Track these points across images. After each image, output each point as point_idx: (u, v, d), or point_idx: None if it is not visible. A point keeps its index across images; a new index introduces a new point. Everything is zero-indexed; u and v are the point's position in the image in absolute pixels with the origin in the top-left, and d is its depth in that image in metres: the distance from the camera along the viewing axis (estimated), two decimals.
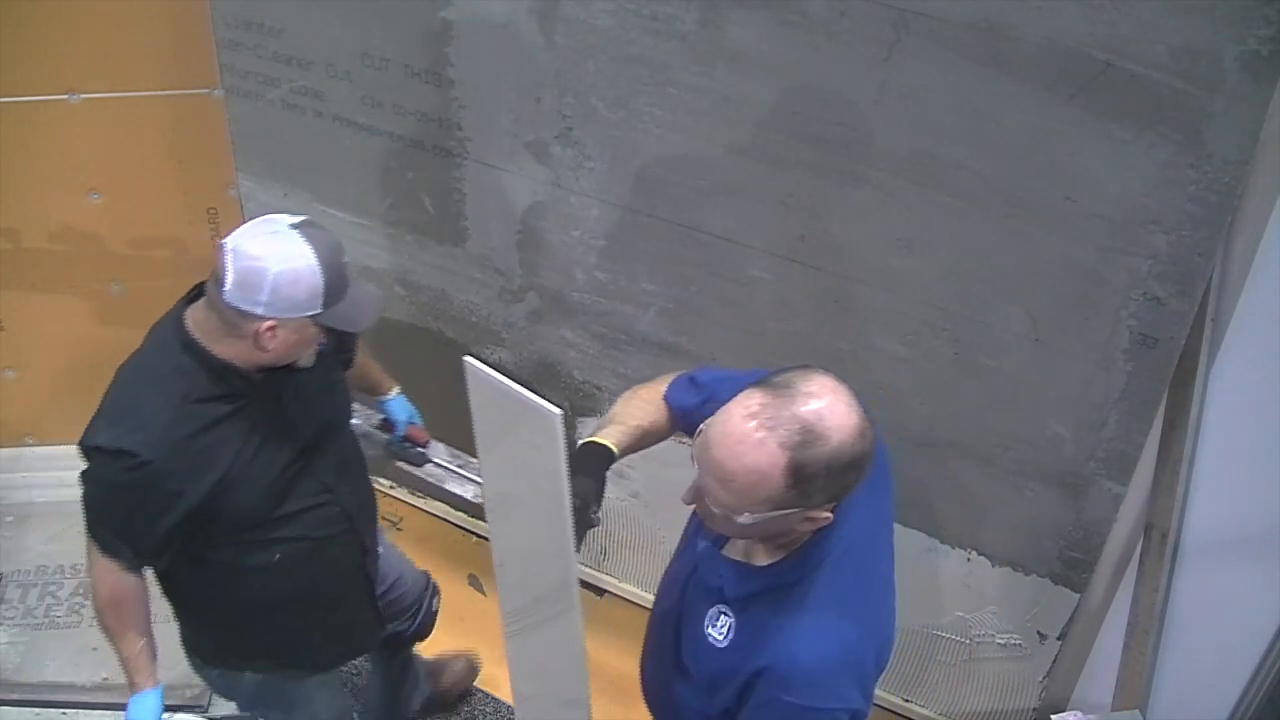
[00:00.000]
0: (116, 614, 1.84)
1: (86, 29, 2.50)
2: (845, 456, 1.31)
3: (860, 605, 1.49)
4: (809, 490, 1.32)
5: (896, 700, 2.69)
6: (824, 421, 1.30)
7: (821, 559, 1.44)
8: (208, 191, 2.74)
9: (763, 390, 1.33)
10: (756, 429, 1.30)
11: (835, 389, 1.34)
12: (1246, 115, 1.73)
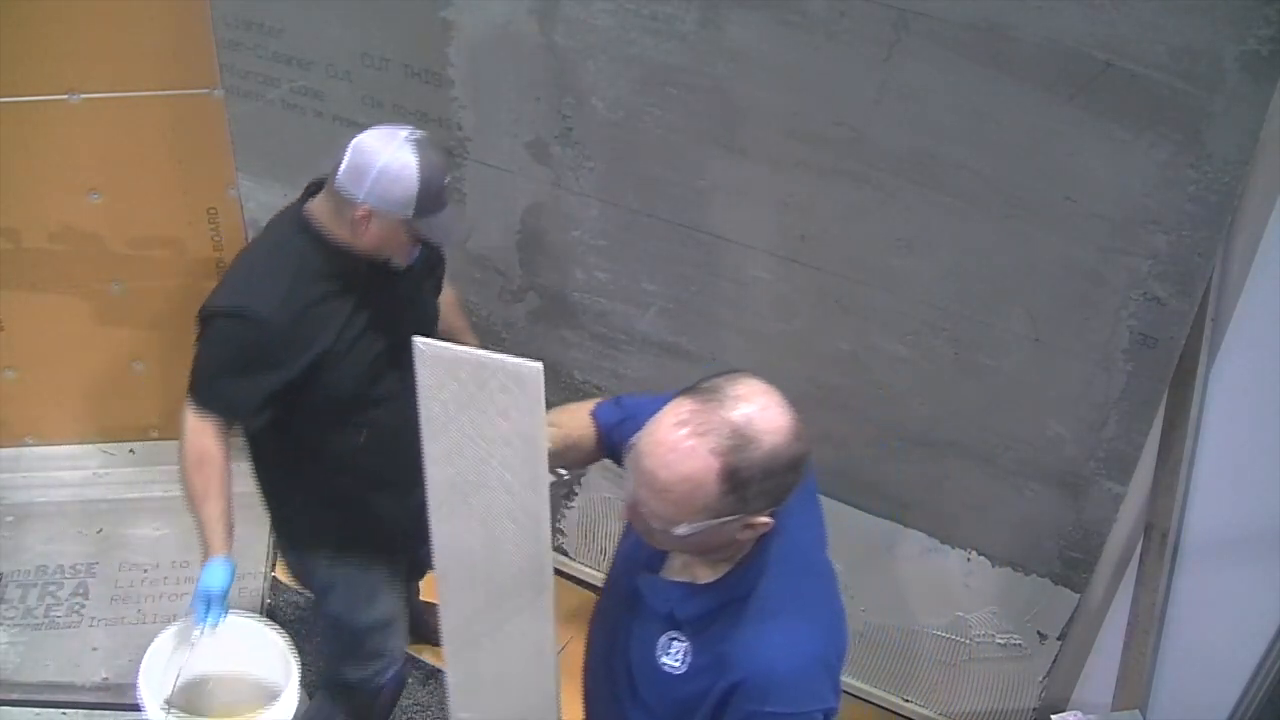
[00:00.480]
0: (201, 474, 1.94)
1: (86, 29, 2.50)
2: (781, 459, 1.29)
3: (817, 604, 1.47)
4: (746, 495, 1.29)
5: (896, 700, 2.69)
6: (755, 425, 1.28)
7: (766, 565, 1.41)
8: (208, 191, 2.73)
9: (692, 397, 1.30)
10: (687, 436, 1.27)
11: (765, 391, 1.31)
12: (1246, 115, 1.73)
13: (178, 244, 2.79)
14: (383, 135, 1.89)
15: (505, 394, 1.40)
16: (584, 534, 2.87)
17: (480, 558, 1.52)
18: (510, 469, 1.43)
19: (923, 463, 2.31)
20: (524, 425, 1.40)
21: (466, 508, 1.49)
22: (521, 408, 1.40)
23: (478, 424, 1.43)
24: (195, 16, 2.49)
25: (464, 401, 1.43)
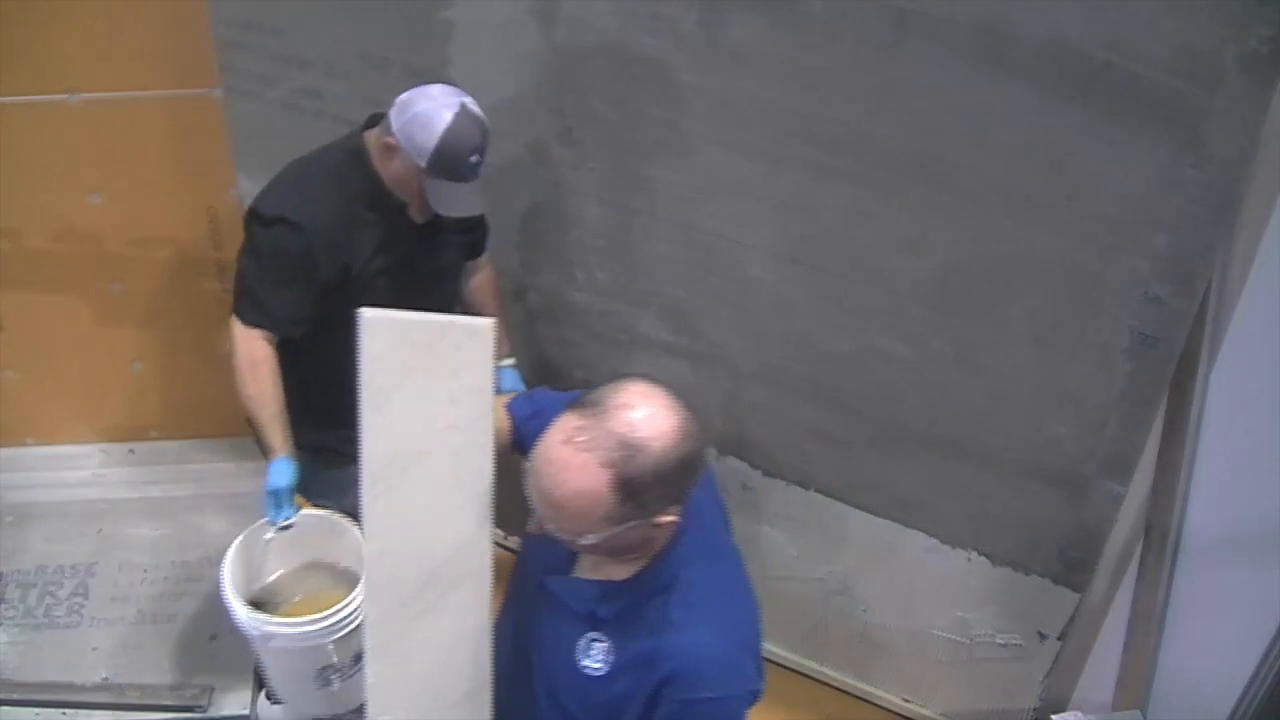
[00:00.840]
0: (255, 377, 2.06)
1: (86, 29, 2.50)
2: (671, 461, 1.30)
3: (732, 587, 1.50)
4: (644, 501, 1.30)
5: (896, 700, 2.70)
6: (640, 432, 1.29)
7: (683, 556, 1.43)
8: (208, 191, 2.73)
9: (576, 412, 1.32)
10: (575, 452, 1.29)
11: (649, 394, 1.32)
12: (1246, 115, 1.73)
13: (178, 244, 2.79)
14: (444, 90, 2.01)
15: (458, 351, 1.42)
16: None
17: (416, 534, 1.49)
18: (457, 429, 1.43)
19: (923, 463, 2.31)
20: (474, 379, 1.42)
21: (406, 481, 1.47)
22: (473, 363, 1.42)
23: (424, 389, 1.44)
24: (195, 16, 2.49)
25: (413, 366, 1.44)
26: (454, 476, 1.45)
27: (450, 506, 1.46)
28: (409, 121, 1.98)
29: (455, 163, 1.98)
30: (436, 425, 1.44)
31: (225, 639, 2.62)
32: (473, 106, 2.00)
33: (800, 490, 2.49)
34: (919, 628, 2.54)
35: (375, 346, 1.44)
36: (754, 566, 2.65)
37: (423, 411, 1.45)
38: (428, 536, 1.48)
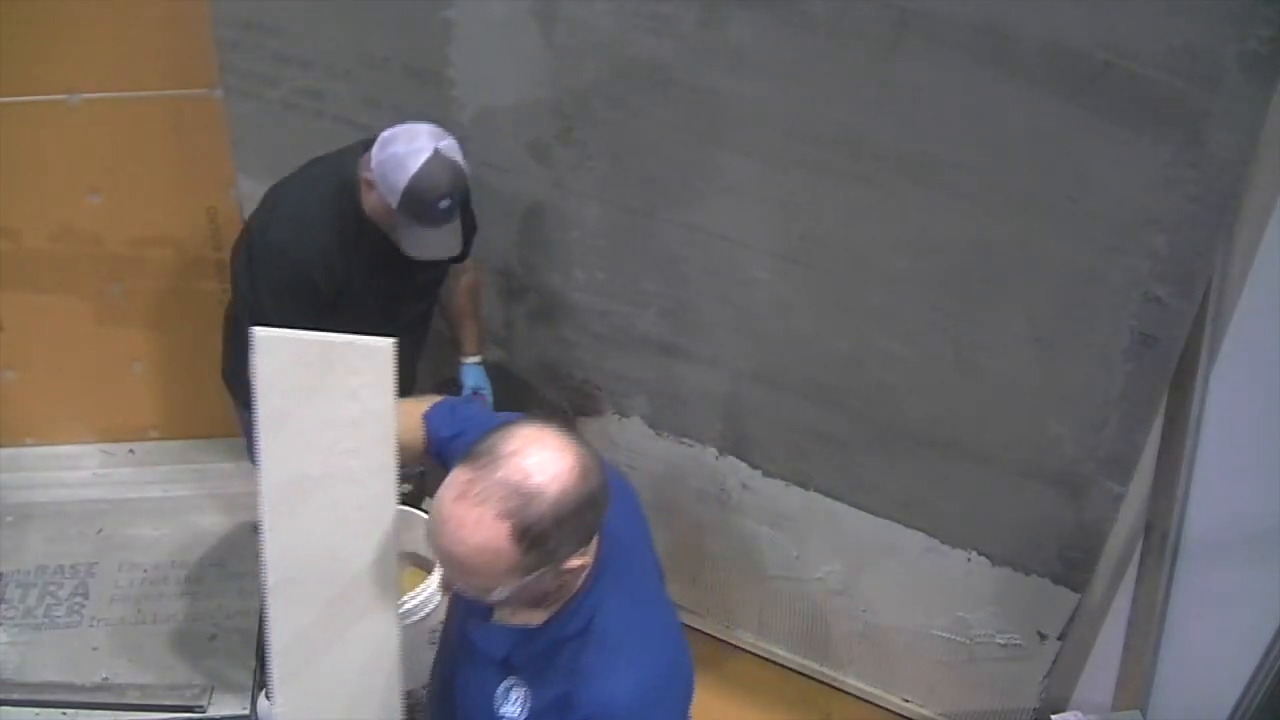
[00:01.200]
0: None
1: (86, 29, 2.50)
2: (570, 503, 1.26)
3: (654, 632, 1.44)
4: (548, 547, 1.26)
5: (896, 700, 2.70)
6: (533, 478, 1.25)
7: (600, 598, 1.38)
8: (208, 191, 2.73)
9: (466, 466, 1.27)
10: (470, 507, 1.24)
11: (539, 438, 1.28)
12: (1246, 115, 1.73)
13: (178, 244, 2.79)
14: (424, 130, 2.04)
15: (355, 375, 1.37)
16: None
17: (320, 562, 1.45)
18: (359, 454, 1.39)
19: (923, 463, 2.31)
20: (374, 404, 1.38)
21: (307, 508, 1.43)
22: (372, 387, 1.38)
23: (324, 412, 1.39)
24: (195, 16, 2.49)
25: (309, 389, 1.39)
26: (356, 503, 1.40)
27: (353, 534, 1.42)
28: (384, 161, 2.02)
29: (424, 206, 2.02)
30: (337, 449, 1.40)
31: (225, 639, 2.62)
32: (449, 151, 2.04)
33: (800, 490, 2.49)
34: (919, 628, 2.54)
35: (270, 367, 1.39)
36: (754, 566, 2.67)
37: (322, 435, 1.40)
38: (331, 565, 1.43)
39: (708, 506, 2.63)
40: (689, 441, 2.57)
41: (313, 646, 1.46)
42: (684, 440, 2.57)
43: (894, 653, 2.62)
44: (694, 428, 2.54)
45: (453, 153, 2.05)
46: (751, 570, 2.68)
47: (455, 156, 2.06)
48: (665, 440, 2.59)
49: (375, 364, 1.38)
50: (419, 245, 2.09)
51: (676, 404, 2.53)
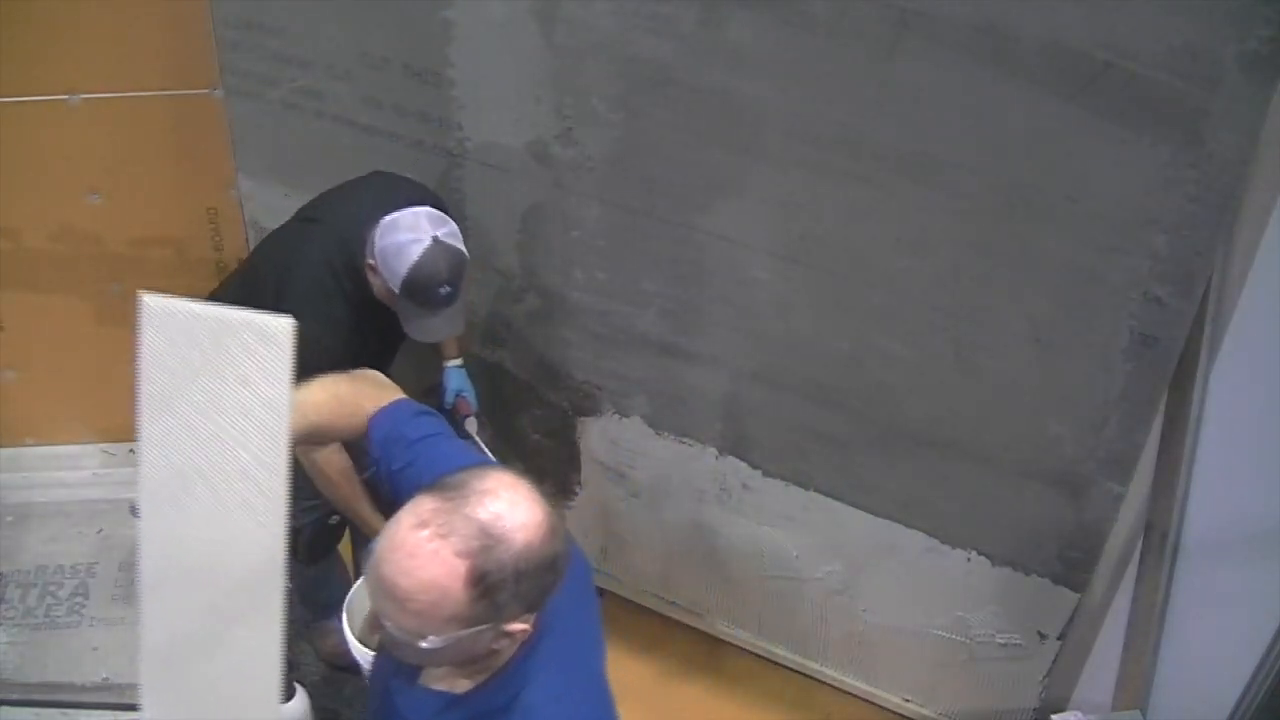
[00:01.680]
0: (350, 481, 2.08)
1: (86, 29, 2.50)
2: (534, 558, 1.18)
3: (583, 711, 1.35)
4: (498, 601, 1.17)
5: (896, 700, 2.70)
6: (503, 521, 1.17)
7: (530, 673, 1.29)
8: (208, 191, 2.73)
9: (433, 495, 1.19)
10: (429, 539, 1.15)
11: (514, 485, 1.21)
12: (1246, 115, 1.73)
13: (178, 244, 2.79)
14: (424, 217, 2.11)
15: (249, 357, 1.25)
16: (584, 534, 2.87)
17: (201, 560, 1.32)
18: (248, 446, 1.27)
19: (923, 463, 2.31)
20: (268, 391, 1.26)
21: (190, 501, 1.31)
22: (267, 372, 1.25)
23: (212, 394, 1.27)
24: (195, 16, 2.49)
25: (197, 368, 1.26)
26: (243, 499, 1.29)
27: (237, 533, 1.30)
28: (385, 248, 2.09)
29: (425, 294, 2.10)
30: (225, 439, 1.28)
31: None
32: (448, 238, 2.11)
33: (800, 490, 2.49)
34: (919, 628, 2.54)
35: (156, 341, 1.26)
36: (754, 566, 2.67)
37: (209, 422, 1.28)
38: (211, 565, 1.32)
39: (708, 506, 2.63)
40: (689, 441, 2.57)
41: (188, 653, 1.34)
42: (684, 440, 2.57)
43: (894, 653, 2.62)
44: (694, 428, 2.54)
45: (453, 239, 2.12)
46: (751, 570, 2.68)
47: (455, 243, 2.12)
48: (665, 440, 2.59)
49: (272, 347, 1.25)
50: (421, 329, 2.18)
51: (676, 404, 2.53)
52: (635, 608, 2.89)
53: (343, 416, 1.49)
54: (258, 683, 1.35)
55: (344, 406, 1.49)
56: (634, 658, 2.79)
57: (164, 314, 1.26)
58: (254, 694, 1.36)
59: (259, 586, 1.31)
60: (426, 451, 1.46)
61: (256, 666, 1.34)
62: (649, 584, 2.87)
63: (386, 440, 1.48)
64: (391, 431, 1.48)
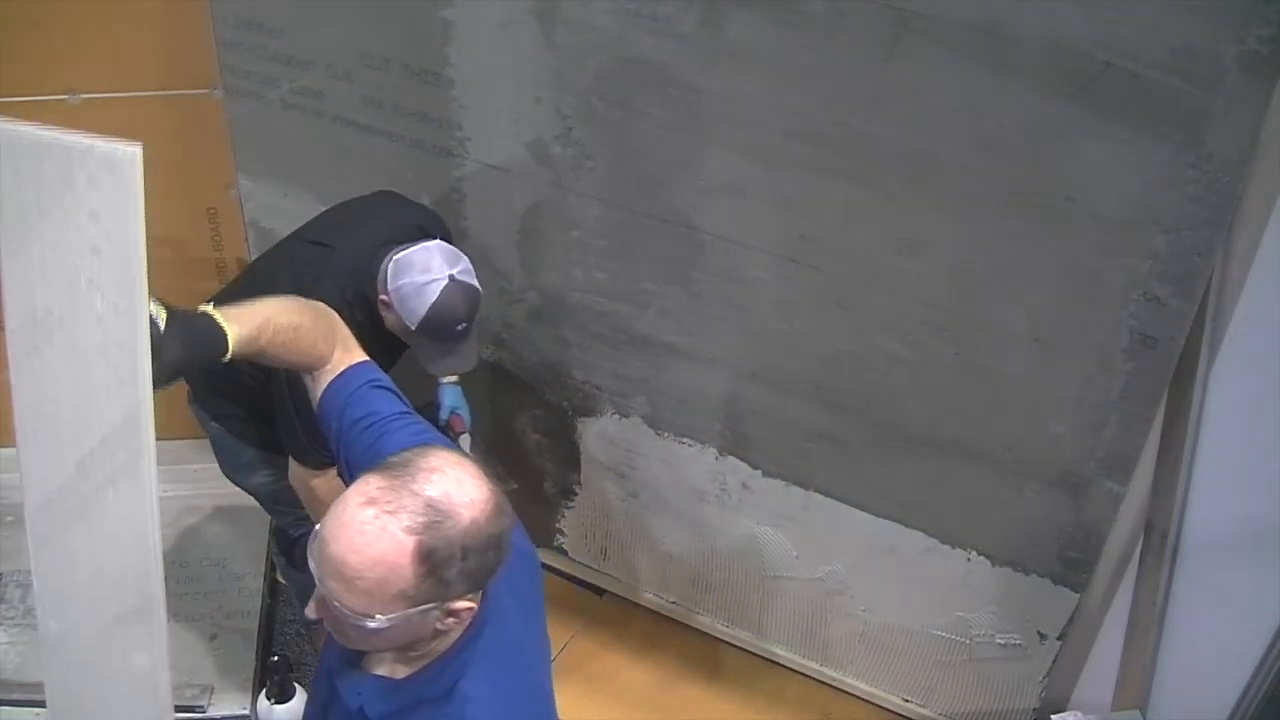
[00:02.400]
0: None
1: (86, 29, 2.50)
2: (480, 534, 1.18)
3: (520, 706, 1.35)
4: (446, 578, 1.17)
5: (896, 700, 2.70)
6: (450, 498, 1.18)
7: (468, 663, 1.29)
8: (208, 191, 2.73)
9: (379, 473, 1.20)
10: (376, 516, 1.16)
11: (460, 463, 1.22)
12: (1246, 115, 1.73)
13: (178, 244, 2.79)
14: (438, 255, 2.10)
15: (96, 189, 1.17)
16: (584, 534, 2.87)
17: (65, 416, 1.23)
18: (101, 289, 1.18)
19: (923, 463, 2.31)
20: (117, 229, 1.18)
21: (50, 349, 1.22)
22: (115, 206, 1.17)
23: (63, 232, 1.18)
24: (195, 16, 2.49)
25: (47, 203, 1.17)
26: (100, 349, 1.20)
27: (99, 387, 1.21)
28: (400, 288, 2.09)
29: (443, 331, 2.11)
30: (79, 281, 1.19)
31: (225, 639, 2.62)
32: (463, 276, 2.11)
33: (800, 490, 2.49)
34: (919, 627, 2.54)
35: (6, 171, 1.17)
36: (754, 566, 2.67)
37: (63, 262, 1.18)
38: (77, 420, 1.23)
39: (708, 506, 2.63)
40: (689, 441, 2.57)
41: (65, 512, 1.27)
42: (684, 440, 2.57)
43: (894, 653, 2.62)
44: (694, 428, 2.54)
45: (468, 276, 2.12)
46: (751, 570, 2.68)
47: (470, 280, 2.13)
48: (665, 440, 2.59)
49: (118, 175, 1.17)
50: (439, 366, 2.21)
51: (676, 404, 2.53)
52: (635, 608, 2.89)
53: (297, 349, 1.48)
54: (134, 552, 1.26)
55: (301, 340, 1.48)
56: (634, 658, 2.79)
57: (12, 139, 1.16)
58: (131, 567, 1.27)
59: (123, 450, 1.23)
60: (391, 429, 1.46)
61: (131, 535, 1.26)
62: (649, 584, 2.87)
63: (350, 422, 1.48)
64: (360, 404, 1.49)
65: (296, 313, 1.49)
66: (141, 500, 1.24)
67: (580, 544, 2.89)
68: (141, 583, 1.29)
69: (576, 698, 1.66)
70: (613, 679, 2.72)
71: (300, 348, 1.48)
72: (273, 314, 1.44)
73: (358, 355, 1.56)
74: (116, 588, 1.30)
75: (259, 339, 1.40)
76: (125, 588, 1.30)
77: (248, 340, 1.39)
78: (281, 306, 1.48)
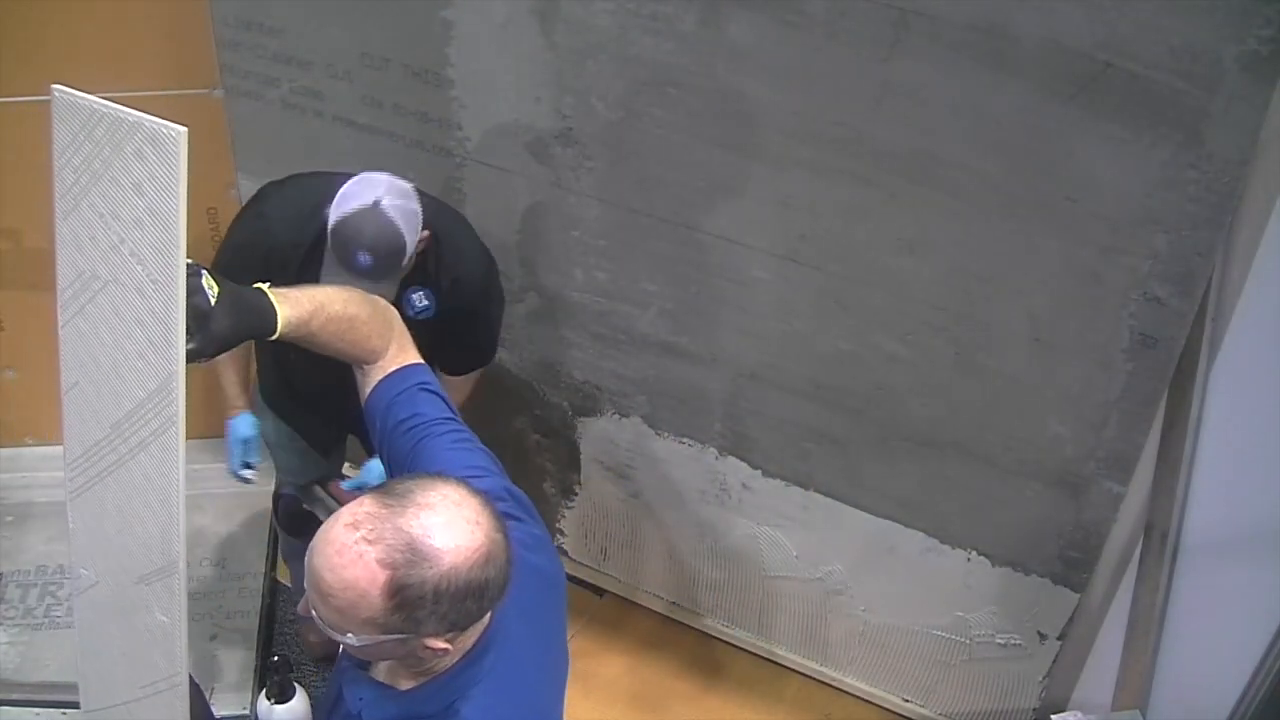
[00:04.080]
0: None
1: (86, 29, 2.50)
2: (458, 582, 1.15)
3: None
4: (416, 616, 1.16)
5: (896, 700, 2.70)
6: (432, 540, 1.15)
7: (468, 686, 1.27)
8: (208, 191, 2.73)
9: (375, 497, 1.18)
10: (357, 541, 1.14)
11: (460, 503, 1.18)
12: (1246, 115, 1.73)
13: None
14: (384, 182, 2.00)
15: (141, 162, 1.19)
16: (584, 534, 2.87)
17: (104, 376, 1.27)
18: (142, 259, 1.20)
19: (923, 463, 2.31)
20: (159, 203, 1.18)
21: (94, 308, 1.25)
22: (158, 180, 1.18)
23: (110, 199, 1.21)
24: (195, 16, 2.49)
25: (98, 169, 1.21)
26: (137, 318, 1.22)
27: (135, 353, 1.24)
28: (338, 194, 1.99)
29: (343, 250, 1.97)
30: (123, 250, 1.21)
31: (225, 639, 2.62)
32: (390, 208, 1.95)
33: (800, 490, 2.49)
34: (919, 628, 2.54)
35: (64, 134, 1.22)
36: (754, 566, 2.67)
37: (110, 229, 1.21)
38: (114, 382, 1.27)
39: (708, 506, 2.63)
40: (689, 441, 2.57)
41: (100, 467, 1.30)
42: (684, 440, 2.57)
43: (894, 653, 2.62)
44: (694, 428, 2.54)
45: (396, 213, 1.96)
46: (751, 570, 2.68)
47: (394, 217, 1.96)
48: (665, 440, 2.59)
49: (163, 152, 1.16)
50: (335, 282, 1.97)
51: (676, 404, 2.53)
52: (635, 608, 2.89)
53: (350, 339, 1.46)
54: (157, 520, 1.29)
55: (355, 331, 1.46)
56: (634, 658, 2.79)
57: (71, 107, 1.20)
58: (154, 531, 1.29)
59: (156, 417, 1.25)
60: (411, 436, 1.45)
61: (156, 497, 1.28)
62: (649, 584, 2.87)
63: (386, 409, 1.48)
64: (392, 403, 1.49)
65: (355, 304, 1.47)
66: (170, 466, 1.27)
67: (580, 544, 2.89)
68: (166, 545, 1.31)
69: (577, 698, 1.67)
70: (613, 679, 2.72)
71: (353, 338, 1.46)
72: (328, 301, 1.43)
73: (412, 356, 1.53)
74: (142, 546, 1.33)
75: (309, 323, 1.39)
76: (150, 548, 1.33)
77: (298, 322, 1.37)
78: (340, 295, 1.46)
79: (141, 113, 1.19)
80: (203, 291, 1.26)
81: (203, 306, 1.26)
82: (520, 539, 1.31)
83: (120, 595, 1.38)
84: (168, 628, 1.37)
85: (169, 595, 1.35)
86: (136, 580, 1.35)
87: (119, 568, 1.36)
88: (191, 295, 1.24)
